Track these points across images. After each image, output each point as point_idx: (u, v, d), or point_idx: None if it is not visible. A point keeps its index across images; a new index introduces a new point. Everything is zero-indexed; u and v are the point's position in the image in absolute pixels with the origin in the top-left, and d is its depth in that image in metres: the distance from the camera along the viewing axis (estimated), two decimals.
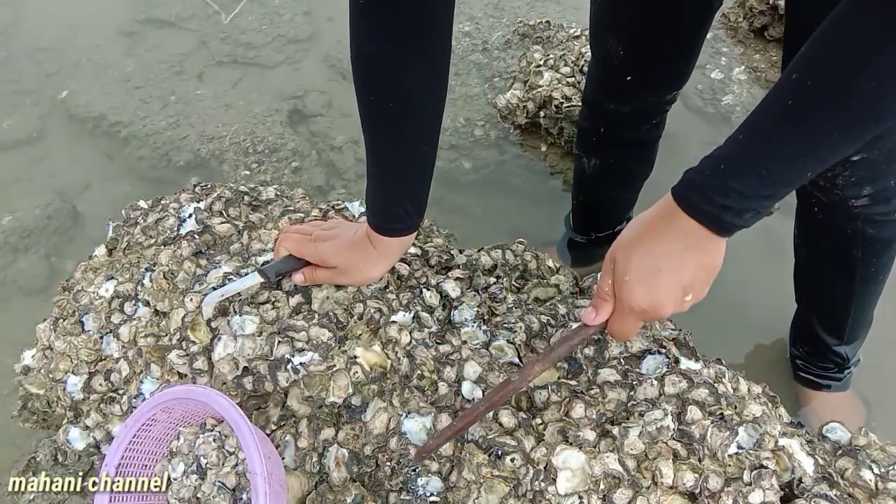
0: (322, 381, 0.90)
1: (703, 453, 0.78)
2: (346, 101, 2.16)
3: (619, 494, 0.75)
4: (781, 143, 0.62)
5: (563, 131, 1.88)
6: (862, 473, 0.82)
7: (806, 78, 0.59)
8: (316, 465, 0.87)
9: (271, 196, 1.19)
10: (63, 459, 1.01)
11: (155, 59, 2.38)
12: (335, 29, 2.42)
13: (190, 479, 0.86)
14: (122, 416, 0.98)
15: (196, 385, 0.92)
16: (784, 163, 0.63)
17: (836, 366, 1.32)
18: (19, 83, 2.38)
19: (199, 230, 1.07)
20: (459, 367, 0.90)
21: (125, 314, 1.04)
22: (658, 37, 1.06)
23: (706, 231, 0.67)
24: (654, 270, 0.70)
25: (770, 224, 1.67)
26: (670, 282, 0.70)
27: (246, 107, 2.15)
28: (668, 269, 0.70)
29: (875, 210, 1.01)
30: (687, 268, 0.70)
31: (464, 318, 0.97)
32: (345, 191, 1.93)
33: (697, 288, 0.72)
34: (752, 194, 0.64)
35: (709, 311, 1.57)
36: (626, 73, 1.14)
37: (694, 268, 0.70)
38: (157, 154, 2.06)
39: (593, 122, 1.31)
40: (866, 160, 0.94)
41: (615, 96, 1.22)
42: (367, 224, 0.91)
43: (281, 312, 0.97)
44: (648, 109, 1.24)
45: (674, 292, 0.70)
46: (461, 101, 2.07)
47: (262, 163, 1.98)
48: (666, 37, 1.06)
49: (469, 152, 1.96)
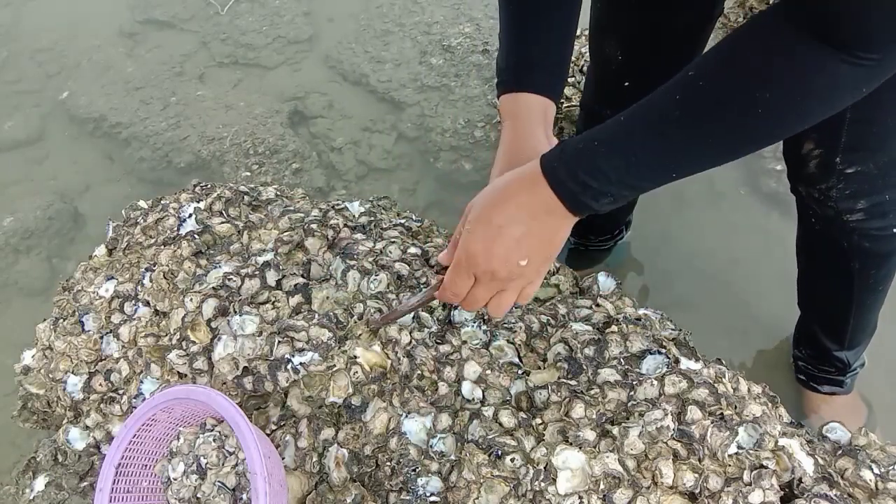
0: (322, 381, 0.90)
1: (703, 453, 0.78)
2: (346, 102, 2.16)
3: (619, 494, 0.75)
4: (657, 137, 0.62)
5: (562, 131, 1.88)
6: (862, 473, 0.82)
7: (695, 81, 0.60)
8: (316, 465, 0.87)
9: (271, 196, 1.19)
10: (63, 459, 1.01)
11: (155, 59, 2.38)
12: (335, 30, 2.43)
13: (190, 479, 0.86)
14: (122, 416, 0.98)
15: (196, 385, 0.92)
16: (654, 157, 0.63)
17: (838, 370, 1.32)
18: (20, 84, 2.39)
19: (199, 230, 1.07)
20: (459, 367, 0.90)
21: (125, 314, 1.04)
22: (657, 42, 1.06)
23: (560, 205, 0.66)
24: (496, 226, 0.69)
25: (773, 223, 1.67)
26: (507, 239, 0.69)
27: (246, 108, 2.15)
28: (509, 229, 0.69)
29: (871, 225, 1.00)
30: (528, 235, 0.69)
31: (464, 317, 0.97)
32: (345, 192, 1.93)
33: (533, 260, 0.70)
34: (616, 180, 0.64)
35: (710, 311, 1.57)
36: (623, 79, 1.13)
37: (536, 239, 0.69)
38: (158, 155, 2.06)
39: (590, 128, 1.30)
40: (860, 173, 0.93)
41: (612, 103, 1.21)
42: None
43: (281, 312, 0.97)
44: None
45: (508, 250, 0.69)
46: (461, 103, 2.07)
47: (262, 164, 1.98)
48: (665, 42, 1.06)
49: (469, 153, 1.96)
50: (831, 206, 0.99)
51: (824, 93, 0.57)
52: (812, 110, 0.59)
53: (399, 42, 2.29)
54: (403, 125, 2.05)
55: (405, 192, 1.92)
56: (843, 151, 0.91)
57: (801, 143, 0.96)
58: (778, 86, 0.56)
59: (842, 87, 0.56)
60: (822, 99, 0.58)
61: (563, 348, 0.91)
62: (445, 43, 2.23)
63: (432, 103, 2.07)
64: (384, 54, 2.26)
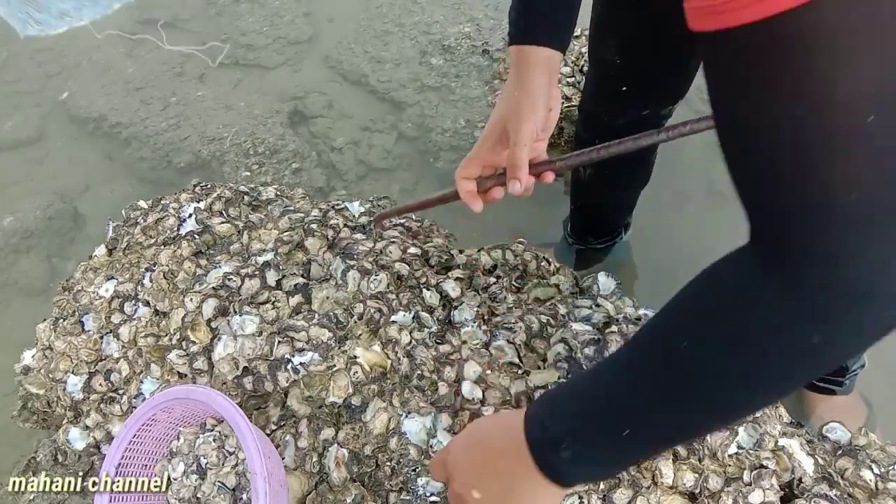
0: (322, 381, 0.90)
1: (703, 453, 0.78)
2: (346, 102, 2.16)
3: (619, 494, 0.75)
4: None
5: (562, 131, 1.88)
6: (862, 473, 0.82)
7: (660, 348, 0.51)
8: (316, 465, 0.87)
9: (271, 196, 1.19)
10: (63, 459, 1.01)
11: (156, 60, 2.38)
12: (335, 30, 2.43)
13: (190, 479, 0.86)
14: (122, 416, 0.98)
15: (196, 385, 0.92)
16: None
17: (837, 372, 1.32)
18: (20, 84, 2.39)
19: (199, 230, 1.07)
20: (459, 367, 0.90)
21: (125, 314, 1.04)
22: (657, 42, 1.06)
23: (544, 481, 0.55)
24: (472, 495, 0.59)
25: None
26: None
27: (246, 108, 2.15)
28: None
29: None
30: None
31: (464, 318, 0.97)
32: (345, 192, 1.93)
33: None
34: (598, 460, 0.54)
35: None
36: (621, 82, 1.13)
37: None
38: (158, 155, 2.06)
39: (588, 132, 1.31)
40: None
41: (609, 106, 1.21)
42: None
43: (281, 312, 0.97)
44: (643, 124, 1.22)
45: None
46: (462, 103, 2.07)
47: (262, 164, 1.98)
48: (665, 42, 1.05)
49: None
50: None
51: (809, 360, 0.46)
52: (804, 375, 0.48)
53: (399, 42, 2.29)
54: (403, 125, 2.05)
55: (405, 192, 1.92)
56: None
57: None
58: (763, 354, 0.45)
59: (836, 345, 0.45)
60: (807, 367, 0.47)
61: (563, 348, 0.91)
62: (445, 43, 2.23)
63: (432, 103, 2.07)
64: (384, 54, 2.26)
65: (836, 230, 0.40)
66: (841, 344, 0.44)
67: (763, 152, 0.42)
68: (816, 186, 0.39)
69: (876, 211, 0.39)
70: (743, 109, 0.42)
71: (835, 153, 0.38)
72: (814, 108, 0.38)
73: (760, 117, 0.40)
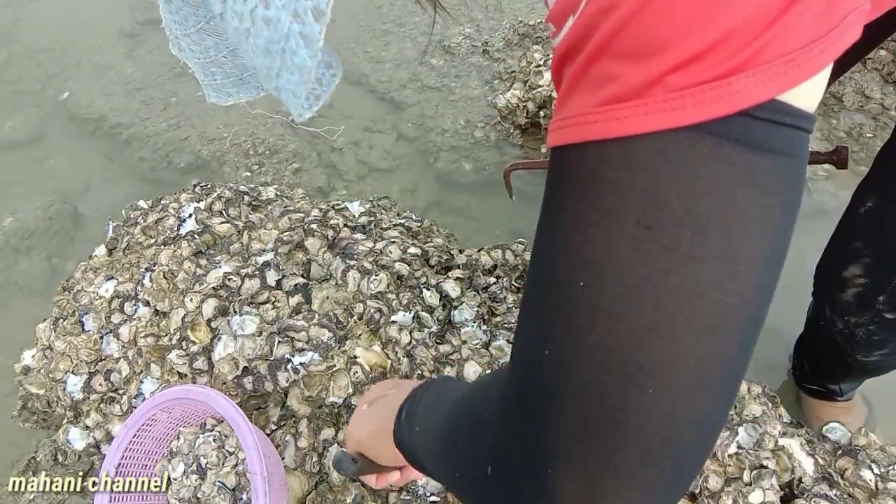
0: (322, 381, 0.90)
1: None
2: (346, 102, 2.16)
3: None
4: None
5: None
6: (862, 473, 0.82)
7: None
8: (316, 465, 0.87)
9: (271, 196, 1.19)
10: (63, 459, 1.01)
11: (156, 60, 2.38)
12: (335, 30, 2.43)
13: (190, 479, 0.86)
14: (122, 416, 0.98)
15: (196, 385, 0.92)
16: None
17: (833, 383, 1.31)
18: (20, 84, 2.39)
19: (199, 230, 1.07)
20: (459, 367, 0.90)
21: (125, 314, 1.04)
22: None
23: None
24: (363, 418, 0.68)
25: None
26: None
27: (246, 108, 2.16)
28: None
29: (876, 360, 0.89)
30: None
31: (464, 318, 0.97)
32: (345, 192, 1.93)
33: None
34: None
35: None
36: None
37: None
38: (158, 155, 2.06)
39: None
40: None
41: None
42: None
43: (281, 312, 0.97)
44: None
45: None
46: (462, 103, 2.07)
47: (262, 164, 1.98)
48: None
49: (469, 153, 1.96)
50: (849, 345, 0.87)
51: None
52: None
53: (399, 42, 2.29)
54: (403, 125, 2.05)
55: (405, 192, 1.92)
56: (891, 292, 0.77)
57: (846, 263, 0.81)
58: None
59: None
60: None
61: None
62: (445, 43, 2.23)
63: (432, 103, 2.07)
64: (384, 54, 2.26)
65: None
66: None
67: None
68: None
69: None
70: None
71: None
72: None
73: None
